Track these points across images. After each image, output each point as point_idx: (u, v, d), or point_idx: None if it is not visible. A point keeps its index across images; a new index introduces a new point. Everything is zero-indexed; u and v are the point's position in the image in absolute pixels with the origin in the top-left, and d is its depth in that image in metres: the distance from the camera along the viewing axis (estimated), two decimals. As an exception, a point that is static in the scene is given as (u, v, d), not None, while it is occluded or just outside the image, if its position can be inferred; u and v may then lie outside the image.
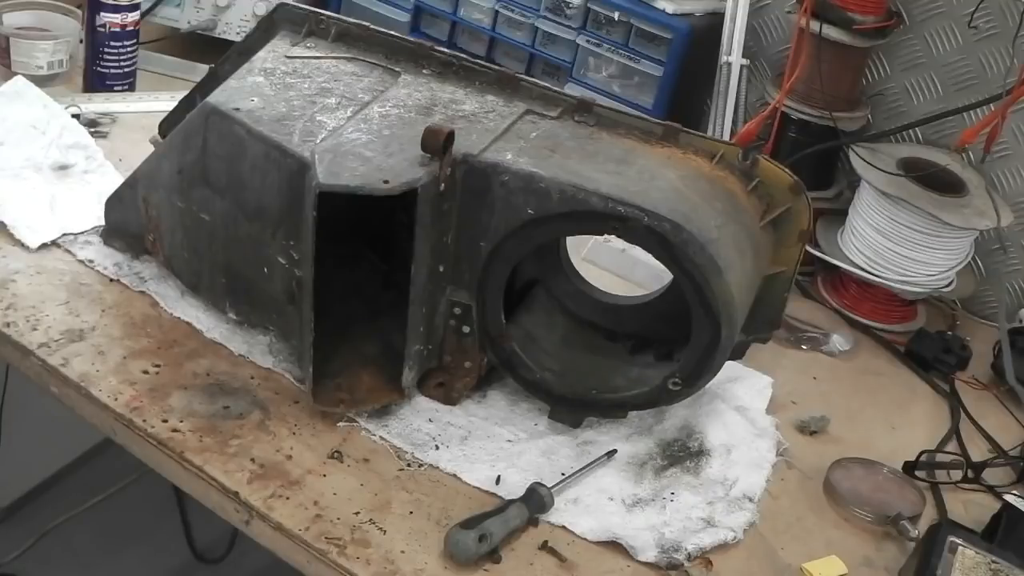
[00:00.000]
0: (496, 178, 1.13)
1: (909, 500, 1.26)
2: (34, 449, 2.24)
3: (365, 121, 1.19)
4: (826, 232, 1.65)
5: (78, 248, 1.35)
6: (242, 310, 1.27)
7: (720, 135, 1.70)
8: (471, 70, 1.28)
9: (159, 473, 1.15)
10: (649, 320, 1.30)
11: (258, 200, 1.18)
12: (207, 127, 1.20)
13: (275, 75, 1.26)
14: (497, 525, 1.07)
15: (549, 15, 1.79)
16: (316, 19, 1.34)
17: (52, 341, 1.21)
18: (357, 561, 1.04)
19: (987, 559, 1.10)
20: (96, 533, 2.30)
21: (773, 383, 1.38)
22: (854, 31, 1.55)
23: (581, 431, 1.25)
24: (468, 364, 1.24)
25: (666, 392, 1.19)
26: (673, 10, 1.69)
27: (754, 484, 1.22)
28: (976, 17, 1.57)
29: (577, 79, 1.79)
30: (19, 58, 1.68)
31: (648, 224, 1.09)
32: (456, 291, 1.20)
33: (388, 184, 1.08)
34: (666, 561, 1.09)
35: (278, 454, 1.14)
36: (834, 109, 1.60)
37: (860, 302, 1.62)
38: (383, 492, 1.12)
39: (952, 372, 1.53)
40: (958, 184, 1.56)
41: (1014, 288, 1.68)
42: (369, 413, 1.21)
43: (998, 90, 1.54)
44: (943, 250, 1.55)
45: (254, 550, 1.10)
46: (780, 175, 1.21)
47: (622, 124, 1.23)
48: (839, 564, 1.14)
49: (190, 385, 1.20)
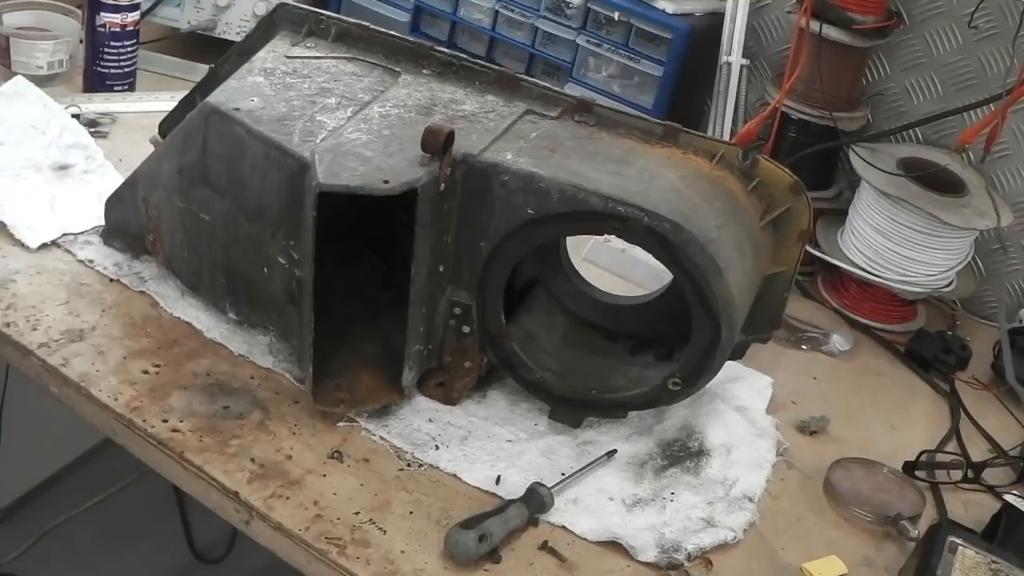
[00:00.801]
0: (496, 178, 1.13)
1: (909, 500, 1.26)
2: (34, 449, 2.24)
3: (365, 121, 1.19)
4: (826, 232, 1.65)
5: (78, 248, 1.35)
6: (242, 310, 1.27)
7: (720, 135, 1.70)
8: (471, 70, 1.28)
9: (159, 473, 1.15)
10: (649, 320, 1.30)
11: (258, 200, 1.18)
12: (207, 127, 1.20)
13: (275, 75, 1.26)
14: (497, 525, 1.07)
15: (549, 15, 1.79)
16: (316, 19, 1.34)
17: (52, 341, 1.21)
18: (357, 561, 1.04)
19: (987, 559, 1.10)
20: (96, 533, 2.30)
21: (773, 383, 1.38)
22: (854, 31, 1.55)
23: (581, 431, 1.25)
24: (468, 364, 1.24)
25: (666, 392, 1.19)
26: (673, 10, 1.69)
27: (754, 484, 1.22)
28: (976, 17, 1.57)
29: (577, 79, 1.79)
30: (19, 58, 1.68)
31: (648, 224, 1.09)
32: (456, 291, 1.20)
33: (388, 184, 1.08)
34: (666, 561, 1.09)
35: (278, 454, 1.14)
36: (834, 109, 1.60)
37: (860, 302, 1.62)
38: (383, 492, 1.12)
39: (952, 372, 1.53)
40: (958, 184, 1.56)
41: (1014, 288, 1.68)
42: (369, 413, 1.21)
43: (998, 90, 1.54)
44: (943, 250, 1.55)
45: (254, 550, 1.10)
46: (780, 175, 1.21)
47: (622, 124, 1.23)
48: (839, 564, 1.14)
49: (190, 385, 1.20)
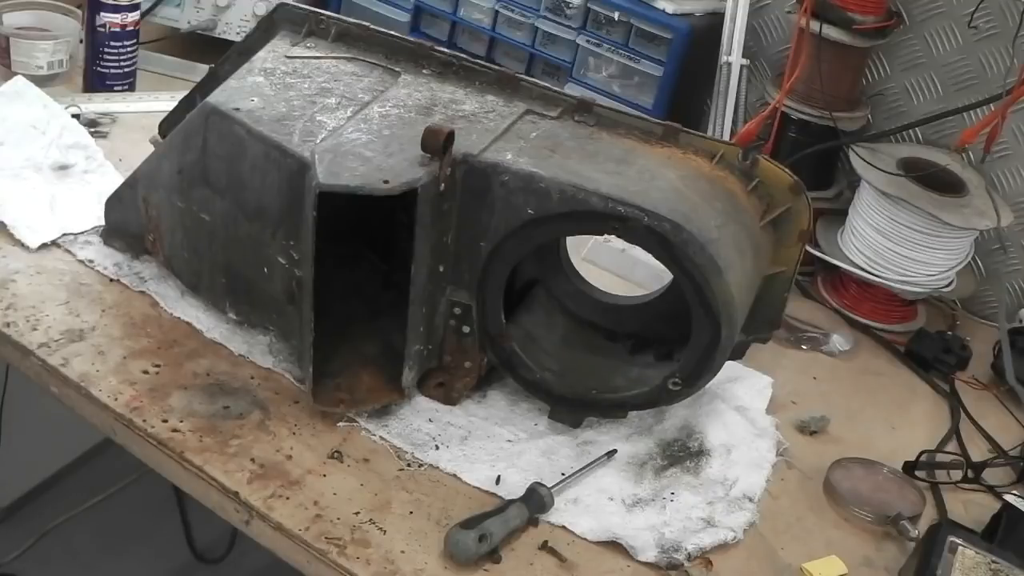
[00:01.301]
0: (496, 178, 1.13)
1: (909, 500, 1.26)
2: (34, 449, 2.24)
3: (365, 121, 1.19)
4: (826, 232, 1.65)
5: (78, 248, 1.35)
6: (242, 310, 1.27)
7: (720, 135, 1.70)
8: (471, 70, 1.28)
9: (159, 473, 1.15)
10: (649, 320, 1.30)
11: (258, 200, 1.18)
12: (207, 127, 1.20)
13: (275, 75, 1.26)
14: (497, 525, 1.07)
15: (549, 15, 1.79)
16: (316, 19, 1.34)
17: (52, 341, 1.21)
18: (357, 561, 1.04)
19: (987, 559, 1.10)
20: (96, 533, 2.30)
21: (773, 383, 1.38)
22: (854, 31, 1.55)
23: (581, 431, 1.25)
24: (468, 364, 1.24)
25: (666, 392, 1.19)
26: (673, 10, 1.69)
27: (754, 484, 1.22)
28: (976, 17, 1.57)
29: (577, 79, 1.79)
30: (19, 58, 1.68)
31: (648, 224, 1.09)
32: (456, 291, 1.20)
33: (388, 184, 1.08)
34: (666, 561, 1.09)
35: (278, 454, 1.14)
36: (834, 109, 1.60)
37: (860, 302, 1.62)
38: (383, 492, 1.12)
39: (952, 372, 1.53)
40: (958, 184, 1.56)
41: (1014, 288, 1.68)
42: (369, 413, 1.21)
43: (998, 90, 1.54)
44: (943, 250, 1.55)
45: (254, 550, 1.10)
46: (780, 175, 1.20)
47: (622, 124, 1.23)
48: (839, 564, 1.14)
49: (190, 385, 1.20)
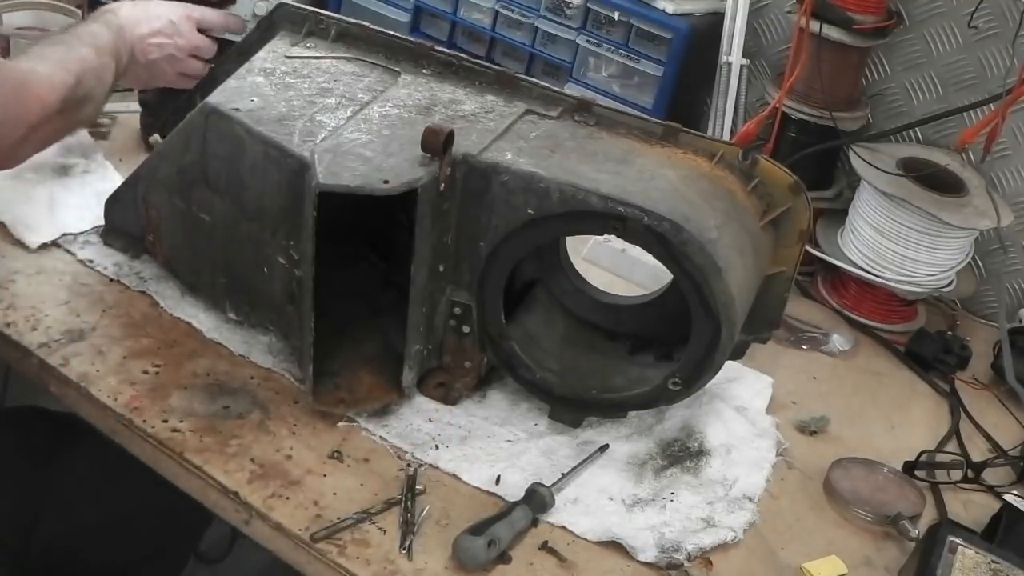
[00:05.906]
0: (496, 178, 1.13)
1: (909, 500, 1.26)
2: (34, 449, 2.24)
3: (365, 121, 1.19)
4: (826, 232, 1.65)
5: (78, 248, 1.35)
6: (242, 310, 1.27)
7: (720, 135, 1.70)
8: (471, 70, 1.28)
9: (159, 473, 1.15)
10: (649, 320, 1.30)
11: (258, 200, 1.18)
12: (207, 127, 1.20)
13: (275, 75, 1.26)
14: (504, 529, 1.07)
15: (549, 15, 1.79)
16: (316, 19, 1.34)
17: (52, 341, 1.21)
18: (357, 561, 1.04)
19: (987, 559, 1.10)
20: (96, 533, 2.30)
21: (773, 383, 1.38)
22: (854, 31, 1.55)
23: (581, 431, 1.25)
24: (468, 364, 1.24)
25: (666, 392, 1.19)
26: (673, 10, 1.69)
27: (754, 484, 1.22)
28: (976, 17, 1.57)
29: (577, 79, 1.79)
30: (19, 58, 1.68)
31: (648, 224, 1.09)
32: (456, 291, 1.20)
33: (388, 184, 1.08)
34: (666, 561, 1.09)
35: (278, 454, 1.14)
36: (834, 109, 1.60)
37: (860, 302, 1.62)
38: (383, 492, 1.12)
39: (952, 372, 1.53)
40: (958, 184, 1.56)
41: (1014, 288, 1.68)
42: (369, 413, 1.21)
43: (998, 90, 1.54)
44: (943, 250, 1.55)
45: (254, 550, 1.10)
46: (780, 175, 1.20)
47: (622, 124, 1.23)
48: (839, 564, 1.14)
49: (190, 385, 1.20)
